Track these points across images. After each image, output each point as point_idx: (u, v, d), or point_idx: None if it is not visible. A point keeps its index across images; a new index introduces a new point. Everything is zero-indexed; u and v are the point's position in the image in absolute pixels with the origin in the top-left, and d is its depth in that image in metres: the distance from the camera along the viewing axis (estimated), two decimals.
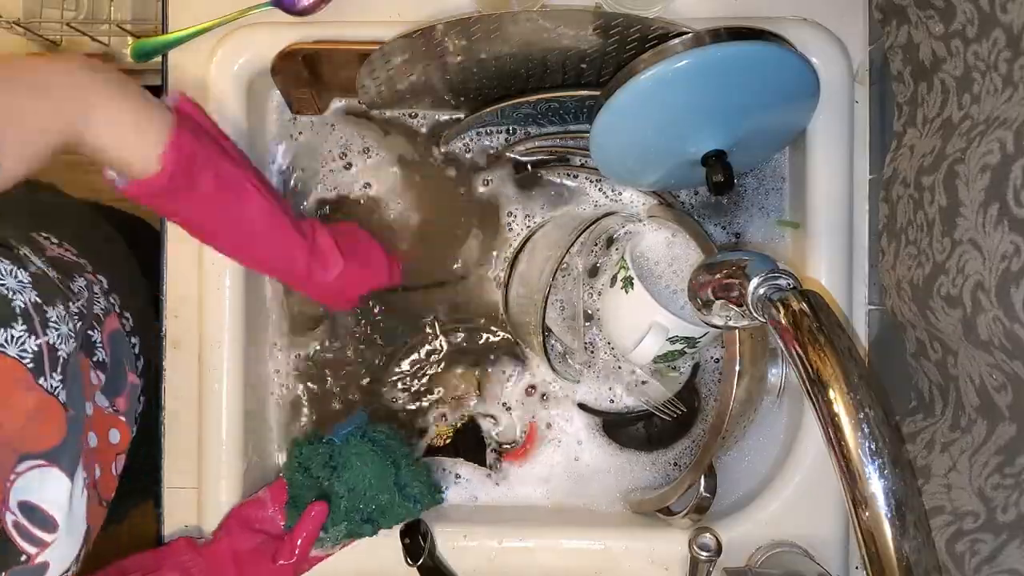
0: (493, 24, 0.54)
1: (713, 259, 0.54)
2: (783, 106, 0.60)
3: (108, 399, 0.55)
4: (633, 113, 0.56)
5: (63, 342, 0.48)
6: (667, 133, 0.59)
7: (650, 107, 0.56)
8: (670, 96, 0.55)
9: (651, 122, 0.58)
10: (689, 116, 0.57)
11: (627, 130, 0.59)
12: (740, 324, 0.57)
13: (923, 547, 0.36)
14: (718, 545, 0.56)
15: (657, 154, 0.62)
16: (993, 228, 0.46)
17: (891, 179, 0.60)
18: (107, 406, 0.55)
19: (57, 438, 0.47)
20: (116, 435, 0.55)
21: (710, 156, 0.59)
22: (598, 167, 0.64)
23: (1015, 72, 0.46)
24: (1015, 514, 0.46)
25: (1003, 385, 0.47)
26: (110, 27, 1.10)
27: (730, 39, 0.52)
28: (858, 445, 0.37)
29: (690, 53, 0.52)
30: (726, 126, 0.58)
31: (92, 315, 0.56)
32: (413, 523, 0.63)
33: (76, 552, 0.49)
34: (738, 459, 0.67)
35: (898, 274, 0.58)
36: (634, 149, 0.61)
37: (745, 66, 0.54)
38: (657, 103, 0.56)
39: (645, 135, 0.59)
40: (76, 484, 0.48)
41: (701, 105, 0.57)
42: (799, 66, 0.55)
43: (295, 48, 0.62)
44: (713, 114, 0.57)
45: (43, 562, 0.46)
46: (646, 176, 0.65)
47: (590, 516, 0.67)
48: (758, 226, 0.68)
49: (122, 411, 0.56)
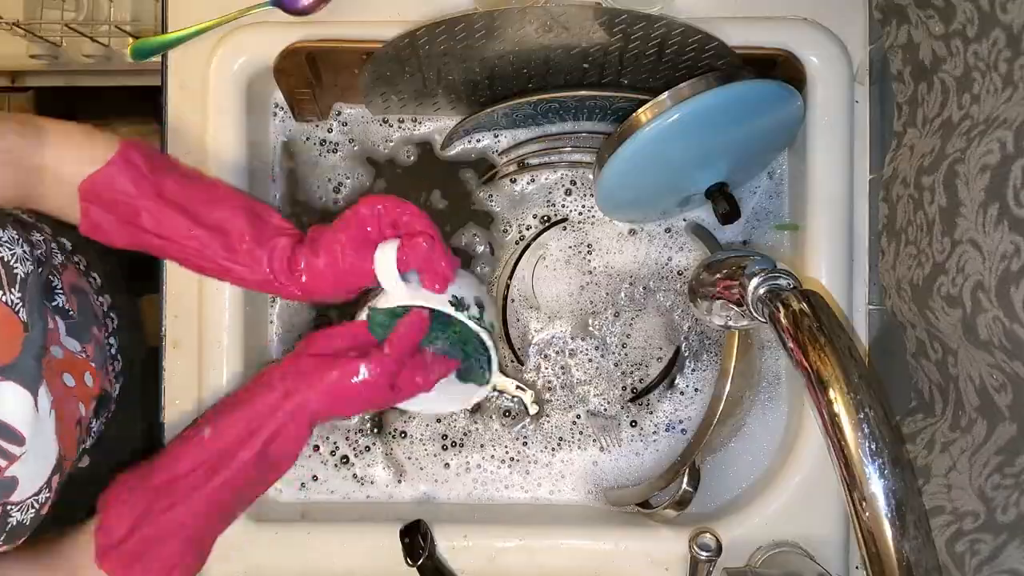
0: (495, 22, 0.54)
1: (713, 259, 0.54)
2: (771, 129, 0.61)
3: (80, 344, 0.56)
4: (634, 166, 0.58)
5: (18, 262, 0.48)
6: (668, 177, 0.61)
7: (650, 158, 0.58)
8: (669, 146, 0.57)
9: (652, 170, 0.60)
10: (688, 158, 0.59)
11: (629, 185, 0.61)
12: (740, 324, 0.57)
13: (923, 547, 0.36)
14: (718, 545, 0.56)
15: (660, 195, 0.64)
16: (993, 228, 0.46)
17: (891, 179, 0.60)
18: (78, 351, 0.56)
19: (10, 356, 0.47)
20: (90, 379, 0.56)
21: (713, 190, 0.61)
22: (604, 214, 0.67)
23: (1015, 72, 0.46)
24: (1015, 514, 0.46)
25: (1003, 385, 0.47)
26: (110, 27, 1.10)
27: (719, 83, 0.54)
28: (858, 445, 0.37)
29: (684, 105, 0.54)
30: (723, 159, 0.60)
31: (51, 265, 0.56)
32: (413, 523, 0.63)
33: (47, 476, 0.49)
34: (737, 458, 0.68)
35: (898, 274, 0.59)
36: (637, 194, 0.63)
37: (735, 105, 0.56)
38: (656, 154, 0.58)
39: (647, 181, 0.61)
40: (41, 402, 0.48)
41: (699, 146, 0.58)
42: (782, 93, 0.57)
43: (298, 47, 0.62)
44: (710, 151, 0.59)
45: (12, 476, 0.46)
46: (652, 214, 0.68)
47: (590, 516, 0.67)
48: (758, 226, 0.68)
49: (91, 357, 0.57)
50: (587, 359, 0.69)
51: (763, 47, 0.62)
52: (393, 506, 0.68)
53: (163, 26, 0.66)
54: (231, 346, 0.64)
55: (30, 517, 0.48)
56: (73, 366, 0.54)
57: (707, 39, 0.56)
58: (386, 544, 0.63)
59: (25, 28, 1.08)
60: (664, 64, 0.59)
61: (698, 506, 0.64)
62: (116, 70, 1.18)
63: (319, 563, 0.63)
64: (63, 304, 0.56)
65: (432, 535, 0.63)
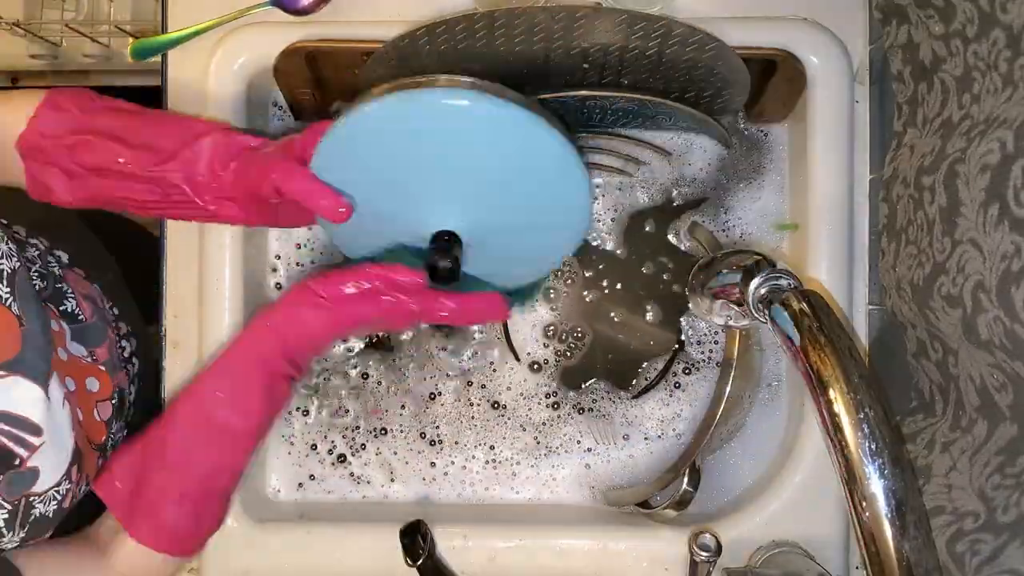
0: (496, 22, 0.54)
1: (713, 258, 0.54)
2: (546, 205, 0.50)
3: (85, 348, 0.56)
4: (358, 151, 0.48)
5: (4, 258, 0.48)
6: (396, 190, 0.50)
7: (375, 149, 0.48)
8: (402, 144, 0.48)
9: (378, 171, 0.49)
10: (423, 176, 0.50)
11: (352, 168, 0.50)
12: (740, 324, 0.57)
13: (923, 547, 0.36)
14: (718, 545, 0.56)
15: (380, 215, 0.52)
16: (993, 228, 0.46)
17: (891, 179, 0.60)
18: (84, 355, 0.56)
19: (12, 351, 0.47)
20: (95, 384, 0.56)
21: (442, 235, 0.50)
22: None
23: (1015, 72, 0.46)
24: (1016, 514, 0.46)
25: (1004, 385, 0.47)
26: (110, 27, 1.11)
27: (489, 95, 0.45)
28: (858, 445, 0.37)
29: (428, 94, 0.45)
30: (467, 207, 0.50)
31: (51, 274, 0.57)
32: (413, 523, 0.63)
33: (65, 466, 0.49)
34: (737, 458, 0.68)
35: (898, 274, 0.59)
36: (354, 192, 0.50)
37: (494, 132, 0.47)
38: (385, 148, 0.48)
39: (366, 179, 0.50)
40: (52, 393, 0.49)
41: (439, 168, 0.49)
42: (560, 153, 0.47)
43: (298, 47, 0.62)
44: (453, 185, 0.50)
45: (34, 467, 0.47)
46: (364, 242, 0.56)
47: (589, 516, 0.67)
48: (758, 227, 0.68)
49: (101, 361, 0.57)
50: (586, 358, 0.69)
51: (763, 47, 0.62)
52: (393, 506, 0.68)
53: (163, 26, 0.66)
54: None
55: (52, 510, 0.49)
56: (77, 370, 0.55)
57: (707, 39, 0.56)
58: (386, 544, 0.62)
59: (25, 28, 1.09)
60: (664, 64, 0.59)
61: (698, 506, 0.64)
62: (116, 70, 1.18)
63: (319, 563, 0.63)
64: (72, 309, 0.57)
65: (432, 535, 0.63)
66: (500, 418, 0.69)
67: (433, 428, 0.69)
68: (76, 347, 0.55)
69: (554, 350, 0.69)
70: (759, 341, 0.67)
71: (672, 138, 0.69)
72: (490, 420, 0.69)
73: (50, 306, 0.55)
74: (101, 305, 0.61)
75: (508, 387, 0.69)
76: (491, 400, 0.69)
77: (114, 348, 0.60)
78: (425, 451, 0.69)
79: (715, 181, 0.69)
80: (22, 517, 0.47)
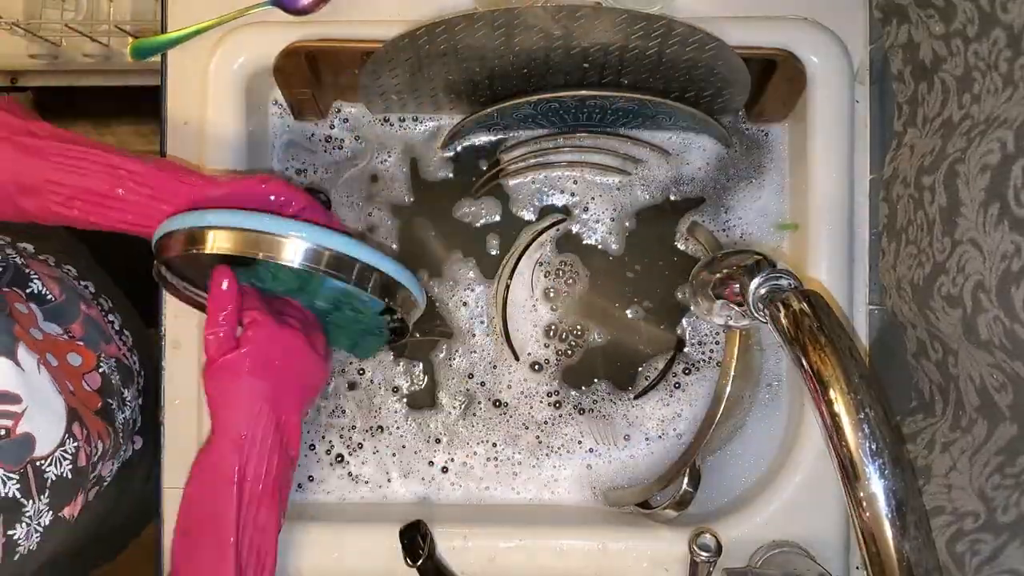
0: (496, 22, 0.54)
1: (714, 258, 0.54)
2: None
3: (60, 327, 0.57)
4: None
5: None
6: None
7: None
8: None
9: None
10: None
11: None
12: (741, 324, 0.57)
13: (923, 547, 0.36)
14: (718, 545, 0.56)
15: None
16: (993, 228, 0.46)
17: (891, 179, 0.60)
18: (59, 333, 0.57)
19: None
20: (77, 358, 0.57)
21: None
22: None
23: (1015, 72, 0.46)
24: (1016, 514, 0.46)
25: (1003, 385, 0.47)
26: (110, 27, 1.10)
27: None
28: (858, 445, 0.37)
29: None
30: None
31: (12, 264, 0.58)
32: (413, 523, 0.63)
33: (64, 425, 0.50)
34: (737, 458, 0.67)
35: (898, 274, 0.58)
36: None
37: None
38: None
39: None
40: (23, 361, 0.49)
41: None
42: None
43: (298, 46, 0.62)
44: None
45: (25, 432, 0.47)
46: None
47: (590, 516, 0.67)
48: (758, 227, 0.68)
49: (78, 337, 0.58)
50: (586, 358, 0.69)
51: (763, 47, 0.62)
52: (392, 506, 0.68)
53: (163, 26, 0.66)
54: None
55: (68, 470, 0.49)
56: (55, 347, 0.55)
57: (707, 39, 0.56)
58: (386, 544, 0.62)
59: (25, 28, 1.09)
60: (664, 64, 0.59)
61: (698, 506, 0.64)
62: (116, 70, 1.18)
63: (319, 563, 0.63)
64: (39, 290, 0.58)
65: (432, 535, 0.63)
66: (502, 416, 0.69)
67: (433, 426, 0.69)
68: (50, 326, 0.56)
69: (555, 350, 0.69)
70: (759, 341, 0.67)
71: (672, 138, 0.69)
72: (492, 418, 0.69)
73: (15, 290, 0.56)
74: (71, 285, 0.62)
75: (508, 385, 0.69)
76: (492, 399, 0.69)
77: (98, 323, 0.62)
78: (422, 450, 0.69)
79: (715, 181, 0.69)
80: (36, 483, 0.47)
